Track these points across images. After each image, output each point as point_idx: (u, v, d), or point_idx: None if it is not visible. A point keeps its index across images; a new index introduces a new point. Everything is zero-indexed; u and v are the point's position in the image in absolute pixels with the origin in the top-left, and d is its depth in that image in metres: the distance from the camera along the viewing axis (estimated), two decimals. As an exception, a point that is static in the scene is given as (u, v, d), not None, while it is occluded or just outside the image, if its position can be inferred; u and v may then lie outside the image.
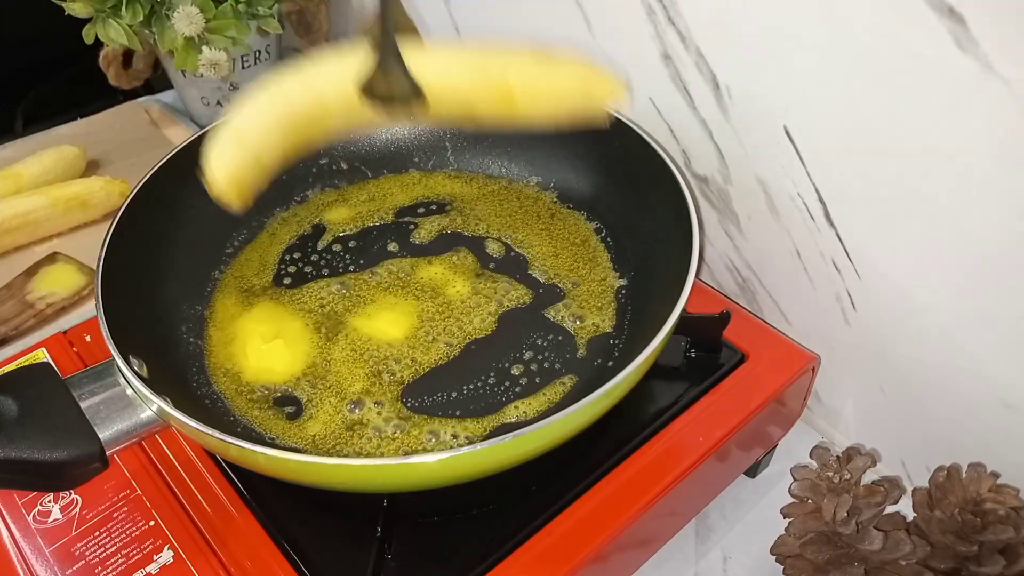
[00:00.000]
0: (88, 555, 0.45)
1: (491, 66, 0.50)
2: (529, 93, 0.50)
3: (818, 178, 0.52)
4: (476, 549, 0.45)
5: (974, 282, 0.47)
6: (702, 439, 0.49)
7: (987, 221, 0.44)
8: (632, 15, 0.56)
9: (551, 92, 0.50)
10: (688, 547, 0.56)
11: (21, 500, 0.48)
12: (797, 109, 0.50)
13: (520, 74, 0.50)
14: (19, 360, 0.55)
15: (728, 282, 0.63)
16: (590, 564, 0.45)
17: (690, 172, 0.60)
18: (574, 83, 0.50)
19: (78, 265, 0.68)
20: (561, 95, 0.50)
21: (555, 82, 0.50)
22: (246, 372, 0.52)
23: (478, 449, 0.40)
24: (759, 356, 0.54)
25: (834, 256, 0.53)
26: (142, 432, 0.43)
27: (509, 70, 0.50)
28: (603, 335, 0.54)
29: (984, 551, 0.44)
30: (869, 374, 0.56)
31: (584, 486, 0.47)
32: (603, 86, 0.51)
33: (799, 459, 0.55)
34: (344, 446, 0.48)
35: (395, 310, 0.56)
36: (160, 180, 0.55)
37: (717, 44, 0.53)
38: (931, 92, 0.43)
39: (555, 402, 0.50)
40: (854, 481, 0.46)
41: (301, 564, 0.44)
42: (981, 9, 0.39)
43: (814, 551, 0.46)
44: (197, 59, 0.72)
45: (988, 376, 0.49)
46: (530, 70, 0.50)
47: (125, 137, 0.83)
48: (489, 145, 0.64)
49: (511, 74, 0.49)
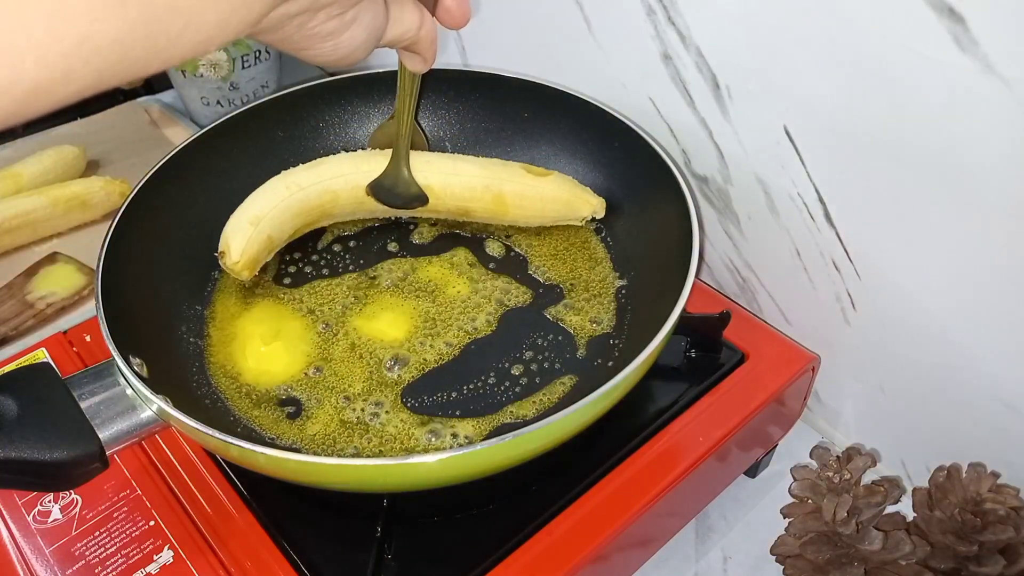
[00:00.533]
0: (88, 555, 0.45)
1: (488, 176, 0.59)
2: (519, 201, 0.59)
3: (818, 178, 0.52)
4: (476, 549, 0.45)
5: (974, 282, 0.47)
6: (702, 439, 0.49)
7: (987, 221, 0.44)
8: (632, 15, 0.56)
9: (539, 202, 0.59)
10: (688, 547, 0.56)
11: (21, 500, 0.48)
12: (797, 109, 0.50)
13: (512, 184, 0.58)
14: (19, 360, 0.55)
15: (728, 282, 0.63)
16: (590, 564, 0.45)
17: (690, 172, 0.60)
18: (559, 195, 0.59)
19: (78, 265, 0.68)
20: (547, 204, 0.59)
21: (542, 193, 0.58)
22: (245, 374, 0.52)
23: (478, 449, 0.40)
24: (759, 356, 0.54)
25: (834, 256, 0.53)
26: (142, 432, 0.43)
27: (504, 182, 0.58)
28: (603, 335, 0.54)
29: (984, 551, 0.44)
30: (869, 374, 0.56)
31: (584, 486, 0.47)
32: (584, 201, 0.59)
33: (799, 459, 0.55)
34: (344, 446, 0.48)
35: (395, 310, 0.56)
36: (160, 180, 0.55)
37: (717, 44, 0.53)
38: (931, 92, 0.43)
39: (555, 402, 0.50)
40: (854, 481, 0.46)
41: (301, 564, 0.44)
42: (981, 9, 0.39)
43: (814, 551, 0.46)
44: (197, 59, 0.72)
45: (988, 376, 0.49)
46: (521, 181, 0.59)
47: (125, 137, 0.83)
48: (489, 146, 0.64)
49: (505, 185, 0.58)
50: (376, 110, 0.65)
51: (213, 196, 0.58)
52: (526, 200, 0.59)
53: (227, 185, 0.59)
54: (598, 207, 0.59)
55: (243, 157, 0.61)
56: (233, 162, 0.60)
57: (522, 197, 0.58)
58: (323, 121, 0.64)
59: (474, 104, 0.64)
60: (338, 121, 0.64)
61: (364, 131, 0.65)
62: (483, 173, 0.59)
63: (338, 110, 0.64)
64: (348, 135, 0.65)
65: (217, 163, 0.59)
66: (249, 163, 0.60)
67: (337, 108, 0.64)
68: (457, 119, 0.65)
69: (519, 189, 0.58)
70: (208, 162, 0.59)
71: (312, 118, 0.64)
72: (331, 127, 0.64)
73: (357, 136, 0.65)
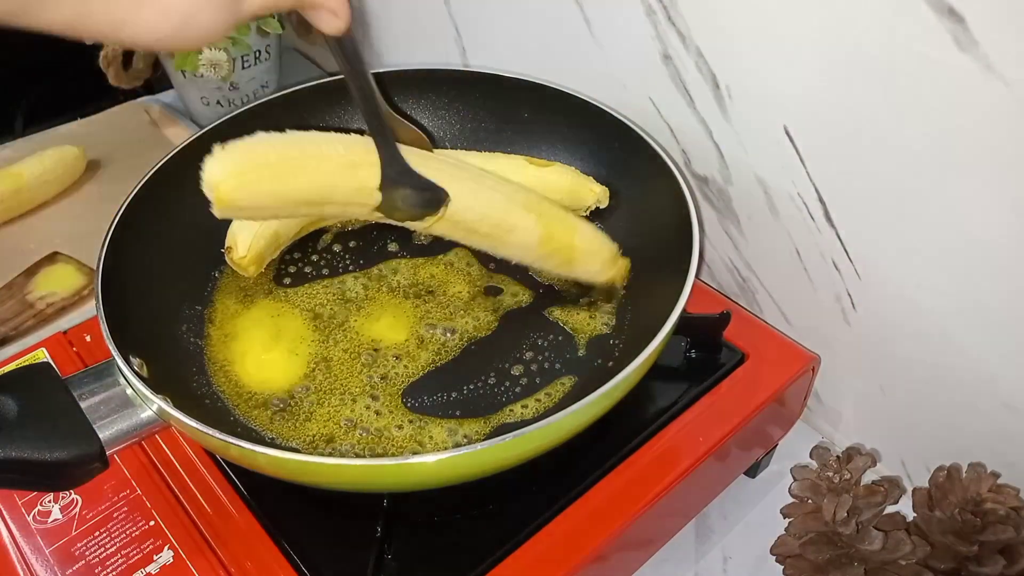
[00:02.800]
0: (88, 555, 0.45)
1: (491, 168, 0.56)
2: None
3: (818, 178, 0.52)
4: (476, 549, 0.45)
5: (974, 282, 0.47)
6: (702, 439, 0.49)
7: (987, 221, 0.44)
8: (632, 15, 0.56)
9: (542, 191, 0.57)
10: (688, 547, 0.56)
11: (21, 500, 0.48)
12: (797, 109, 0.50)
13: (516, 177, 0.57)
14: (19, 360, 0.55)
15: (728, 282, 0.63)
16: (590, 564, 0.45)
17: (690, 172, 0.60)
18: (562, 184, 0.58)
19: (78, 265, 0.68)
20: (551, 195, 0.57)
21: (546, 183, 0.58)
22: (246, 380, 0.52)
23: (478, 449, 0.40)
24: (759, 356, 0.54)
25: (834, 256, 0.53)
26: (142, 432, 0.43)
27: (507, 174, 0.57)
28: (603, 335, 0.54)
29: (984, 551, 0.44)
30: (869, 374, 0.56)
31: (584, 486, 0.47)
32: (587, 190, 0.59)
33: (799, 459, 0.55)
34: (344, 446, 0.48)
35: (395, 310, 0.56)
36: (160, 180, 0.55)
37: (717, 44, 0.53)
38: (931, 92, 0.43)
39: (555, 402, 0.50)
40: (854, 481, 0.46)
41: (301, 564, 0.44)
42: (981, 9, 0.39)
43: (814, 551, 0.46)
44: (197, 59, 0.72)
45: (988, 376, 0.49)
46: (525, 172, 0.58)
47: (125, 137, 0.83)
48: (489, 146, 0.64)
49: (508, 177, 0.56)
50: (376, 110, 0.65)
51: (213, 196, 0.58)
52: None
53: (227, 185, 0.59)
54: (601, 195, 0.59)
55: (243, 157, 0.60)
56: (233, 162, 0.60)
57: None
58: (323, 121, 0.64)
59: (474, 104, 0.64)
60: (338, 121, 0.64)
61: (364, 131, 0.65)
62: (487, 166, 0.56)
63: (338, 110, 0.64)
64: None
65: (217, 163, 0.59)
66: (249, 163, 0.60)
67: (337, 108, 0.64)
68: (457, 119, 0.65)
69: (523, 180, 0.58)
70: (208, 162, 0.59)
71: (312, 118, 0.64)
72: (331, 127, 0.64)
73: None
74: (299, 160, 0.46)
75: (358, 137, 0.49)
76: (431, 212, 0.49)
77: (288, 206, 0.47)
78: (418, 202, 0.49)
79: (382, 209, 0.49)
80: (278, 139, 0.47)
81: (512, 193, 0.53)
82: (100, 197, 0.76)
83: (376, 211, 0.49)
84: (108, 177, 0.78)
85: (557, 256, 0.54)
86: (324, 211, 0.51)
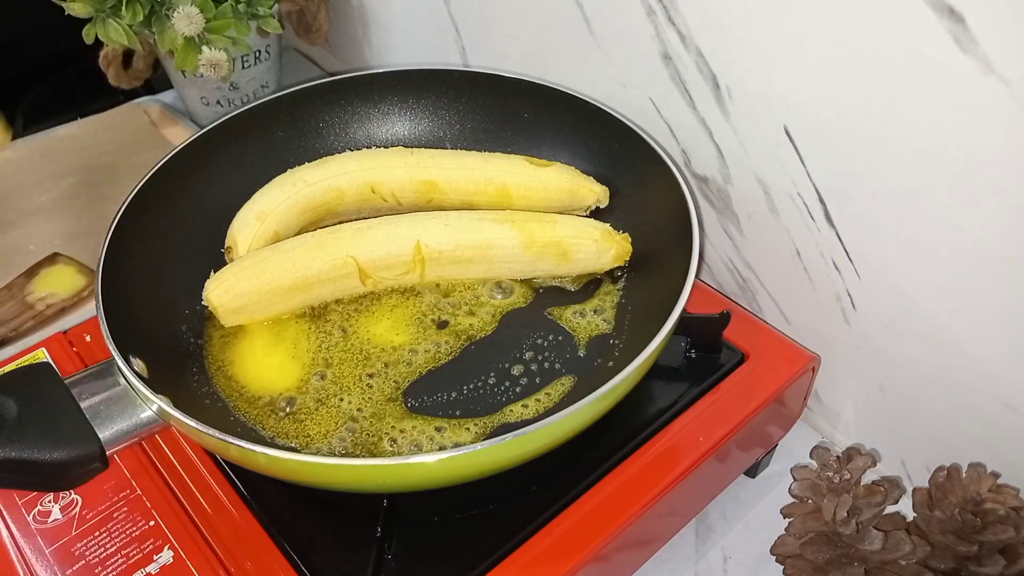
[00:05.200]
0: (88, 555, 0.45)
1: (491, 168, 0.59)
2: (523, 192, 0.59)
3: (818, 178, 0.52)
4: (476, 549, 0.45)
5: (974, 282, 0.47)
6: (702, 439, 0.49)
7: (987, 221, 0.44)
8: (632, 15, 0.56)
9: (542, 192, 0.59)
10: (688, 547, 0.56)
11: (21, 500, 0.48)
12: (797, 109, 0.50)
13: (515, 175, 0.59)
14: (19, 360, 0.55)
15: (728, 282, 0.63)
16: (590, 564, 0.45)
17: (690, 172, 0.60)
18: (562, 184, 0.59)
19: (78, 266, 0.68)
20: (551, 194, 0.59)
21: (546, 183, 0.58)
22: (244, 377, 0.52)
23: (478, 449, 0.40)
24: (759, 356, 0.54)
25: (834, 256, 0.53)
26: (142, 432, 0.43)
27: (507, 174, 0.59)
28: (603, 335, 0.54)
29: (984, 551, 0.44)
30: (869, 374, 0.56)
31: (584, 486, 0.47)
32: (587, 189, 0.59)
33: (799, 459, 0.55)
34: (344, 446, 0.48)
35: (396, 310, 0.56)
36: (160, 180, 0.55)
37: (717, 44, 0.53)
38: (931, 92, 0.43)
39: (555, 402, 0.50)
40: (854, 481, 0.46)
41: (301, 564, 0.44)
42: (981, 9, 0.39)
43: (814, 551, 0.46)
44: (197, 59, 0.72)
45: (988, 376, 0.49)
46: (524, 171, 0.59)
47: (125, 137, 0.83)
48: (490, 145, 0.64)
49: (508, 176, 0.59)
50: (376, 110, 0.65)
51: (213, 196, 0.58)
52: (530, 191, 0.59)
53: (227, 185, 0.59)
54: (602, 195, 0.59)
55: (243, 157, 0.61)
56: (233, 162, 0.60)
57: (526, 188, 0.59)
58: (323, 121, 0.64)
59: (474, 104, 0.64)
60: (338, 121, 0.64)
61: (364, 131, 0.65)
62: (486, 166, 0.59)
63: (338, 110, 0.64)
64: (348, 135, 0.65)
65: (217, 163, 0.59)
66: (249, 163, 0.61)
67: (337, 108, 0.64)
68: (457, 119, 0.65)
69: (523, 180, 0.58)
70: (208, 162, 0.59)
71: (312, 118, 0.64)
72: (331, 127, 0.64)
73: (357, 136, 0.65)
74: (270, 255, 0.53)
75: (329, 228, 0.55)
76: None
77: (277, 296, 0.53)
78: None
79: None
80: (259, 251, 0.54)
81: (480, 214, 0.56)
82: (100, 197, 0.76)
83: (366, 280, 0.54)
84: (108, 177, 0.78)
85: (550, 254, 0.55)
86: (318, 293, 0.55)
